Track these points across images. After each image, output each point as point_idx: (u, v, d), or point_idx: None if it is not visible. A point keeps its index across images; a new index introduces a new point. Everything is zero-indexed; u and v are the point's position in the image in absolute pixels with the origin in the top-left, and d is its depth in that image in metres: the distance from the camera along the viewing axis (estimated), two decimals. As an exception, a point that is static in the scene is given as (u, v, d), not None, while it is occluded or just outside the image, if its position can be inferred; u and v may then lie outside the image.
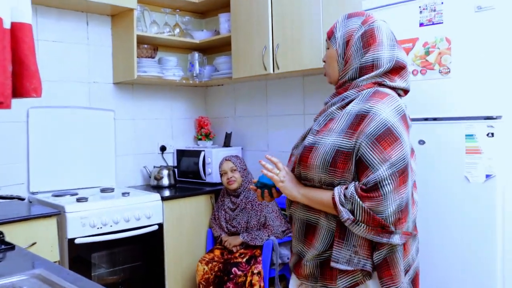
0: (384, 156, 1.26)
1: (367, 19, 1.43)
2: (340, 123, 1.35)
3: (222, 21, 3.29)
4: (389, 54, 1.39)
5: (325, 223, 1.37)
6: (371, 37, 1.40)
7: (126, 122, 3.33)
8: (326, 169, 1.33)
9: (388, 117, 1.28)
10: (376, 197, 1.25)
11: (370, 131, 1.27)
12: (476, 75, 1.85)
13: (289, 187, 1.44)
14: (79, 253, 2.46)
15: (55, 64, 2.96)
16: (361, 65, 1.39)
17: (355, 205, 1.26)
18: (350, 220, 1.28)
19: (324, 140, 1.35)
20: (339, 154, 1.31)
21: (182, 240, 2.98)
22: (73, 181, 2.97)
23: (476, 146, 1.84)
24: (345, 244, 1.33)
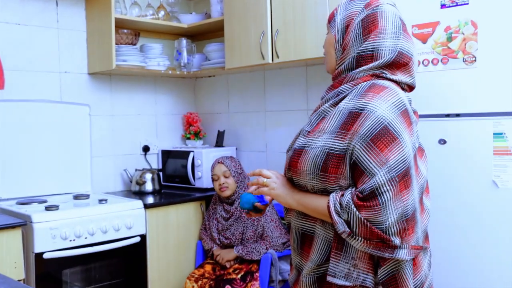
0: (381, 159, 1.24)
1: (371, 2, 1.42)
2: (332, 122, 1.35)
3: (213, 3, 3.28)
4: (392, 44, 1.37)
5: (322, 232, 1.38)
6: (372, 23, 1.38)
7: (103, 119, 3.31)
8: (317, 175, 1.34)
9: (384, 114, 1.27)
10: (373, 206, 1.24)
11: (365, 131, 1.26)
12: (506, 65, 1.84)
13: (283, 194, 1.44)
14: (48, 270, 2.44)
15: (19, 51, 2.93)
16: (358, 54, 1.39)
17: (351, 215, 1.26)
18: (346, 233, 1.28)
19: (315, 142, 1.35)
20: (330, 157, 1.30)
21: (168, 254, 2.97)
22: (41, 187, 2.95)
23: (506, 146, 1.83)
24: (343, 256, 1.32)
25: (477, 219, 1.91)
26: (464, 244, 1.94)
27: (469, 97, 1.93)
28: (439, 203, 2.00)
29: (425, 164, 1.44)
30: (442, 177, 1.99)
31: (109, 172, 3.34)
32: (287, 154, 1.53)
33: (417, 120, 1.41)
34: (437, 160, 2.00)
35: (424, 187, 1.42)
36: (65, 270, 2.51)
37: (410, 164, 1.27)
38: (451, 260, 1.98)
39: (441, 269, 2.00)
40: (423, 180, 1.38)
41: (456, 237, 1.96)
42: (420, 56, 2.04)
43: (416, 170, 1.33)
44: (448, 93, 1.98)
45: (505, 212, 1.84)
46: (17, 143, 2.87)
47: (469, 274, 1.93)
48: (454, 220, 1.96)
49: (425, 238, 1.42)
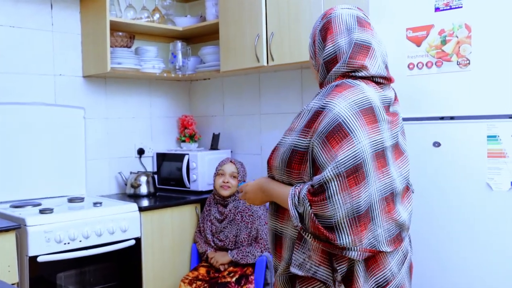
0: (331, 154, 1.29)
1: (326, 12, 1.53)
2: (300, 121, 1.42)
3: (208, 6, 3.28)
4: (348, 39, 1.45)
5: (289, 232, 1.44)
6: (327, 29, 1.48)
7: (98, 122, 3.30)
8: (284, 170, 1.42)
9: (341, 111, 1.31)
10: (321, 200, 1.27)
11: (321, 128, 1.32)
12: (500, 68, 1.85)
13: (252, 197, 1.57)
14: (42, 273, 2.43)
15: (13, 54, 2.91)
16: (324, 59, 1.47)
17: (304, 209, 1.31)
18: (299, 227, 1.33)
19: (285, 140, 1.44)
20: (294, 154, 1.38)
21: (163, 257, 2.96)
22: (35, 190, 2.94)
23: (500, 148, 1.83)
24: (301, 247, 1.39)
25: (471, 222, 1.91)
26: (458, 247, 1.94)
27: (463, 100, 1.93)
28: (433, 205, 2.00)
29: (401, 167, 1.44)
30: (437, 179, 1.99)
31: (104, 175, 3.33)
32: None
33: (390, 119, 1.43)
34: (431, 163, 2.01)
35: (398, 188, 1.42)
36: (59, 274, 2.50)
37: (363, 161, 1.29)
38: (446, 263, 1.98)
39: (436, 271, 2.01)
40: (388, 180, 1.38)
41: (450, 239, 1.96)
42: (414, 59, 2.05)
43: (379, 169, 1.35)
44: (443, 96, 1.98)
45: (499, 214, 1.84)
46: (11, 146, 2.85)
47: (464, 277, 1.94)
48: (448, 222, 1.97)
49: (390, 240, 1.39)
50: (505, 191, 1.83)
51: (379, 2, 2.16)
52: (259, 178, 1.58)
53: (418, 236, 2.02)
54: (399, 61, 2.09)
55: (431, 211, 2.01)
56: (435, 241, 2.00)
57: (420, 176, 2.02)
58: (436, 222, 2.00)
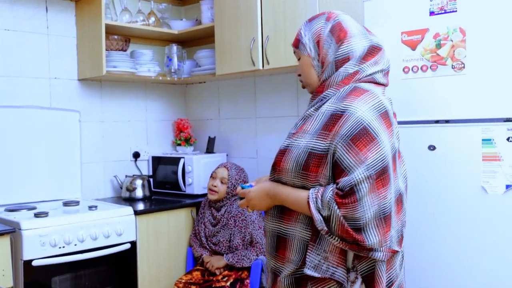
0: (360, 157, 1.31)
1: (330, 15, 1.54)
2: (314, 124, 1.43)
3: (204, 9, 3.28)
4: (364, 43, 1.49)
5: (299, 233, 1.43)
6: (341, 30, 1.49)
7: (93, 125, 3.29)
8: (298, 173, 1.40)
9: (364, 115, 1.34)
10: (351, 202, 1.30)
11: (345, 132, 1.33)
12: (494, 71, 1.85)
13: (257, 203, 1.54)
14: (37, 277, 2.41)
15: (8, 57, 2.91)
16: (336, 58, 1.48)
17: (331, 212, 1.32)
18: (324, 231, 1.34)
19: (298, 142, 1.43)
20: (311, 156, 1.38)
21: (158, 261, 2.95)
22: (30, 193, 2.93)
23: (495, 152, 1.84)
24: (315, 248, 1.38)
25: (466, 225, 1.91)
26: (453, 250, 1.94)
27: (458, 103, 1.94)
28: (428, 208, 2.01)
29: (401, 166, 1.51)
30: (432, 182, 2.00)
31: (99, 179, 3.32)
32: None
33: (396, 121, 1.49)
34: (426, 166, 2.01)
35: (402, 189, 1.48)
36: (54, 278, 2.49)
37: (388, 164, 1.35)
38: (441, 266, 1.99)
39: (431, 274, 2.01)
40: (397, 182, 1.45)
41: (446, 243, 1.96)
42: (410, 63, 2.06)
43: (394, 171, 1.41)
44: (438, 99, 1.99)
45: (494, 218, 1.85)
46: (6, 149, 2.84)
47: (459, 280, 1.94)
48: (443, 225, 1.97)
49: (399, 241, 1.47)
50: (500, 194, 1.83)
51: (374, 5, 2.17)
52: (262, 183, 1.56)
53: (414, 239, 2.02)
54: (394, 65, 2.09)
55: (426, 214, 2.01)
56: (431, 244, 2.01)
57: (415, 179, 2.02)
58: (432, 225, 2.00)
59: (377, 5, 2.16)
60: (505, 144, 1.82)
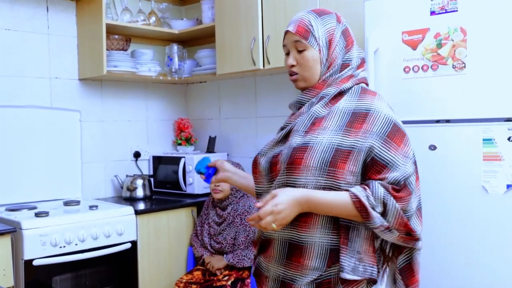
0: (401, 152, 1.35)
1: (338, 17, 1.53)
2: (334, 120, 1.40)
3: (204, 9, 3.28)
4: (358, 53, 1.53)
5: (318, 239, 1.38)
6: (349, 37, 1.52)
7: (94, 125, 3.29)
8: (324, 170, 1.35)
9: (389, 114, 1.40)
10: (406, 196, 1.33)
11: (379, 129, 1.36)
12: (495, 71, 1.85)
13: (287, 215, 1.32)
14: (38, 277, 2.42)
15: (9, 57, 2.91)
16: (343, 62, 1.49)
17: (389, 208, 1.31)
18: (384, 226, 1.32)
19: (319, 138, 1.38)
20: (339, 152, 1.34)
21: (159, 260, 2.95)
22: (31, 193, 2.93)
23: (495, 151, 1.84)
24: (349, 251, 1.35)
25: (467, 225, 1.91)
26: (454, 250, 1.94)
27: (459, 103, 1.94)
28: (429, 208, 2.00)
29: None
30: (432, 182, 1.99)
31: (100, 178, 3.32)
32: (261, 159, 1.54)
33: None
34: (427, 166, 2.01)
35: None
36: (55, 277, 2.49)
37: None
38: (442, 266, 1.98)
39: (431, 274, 2.00)
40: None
41: (446, 242, 1.96)
42: (410, 63, 2.05)
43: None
44: (438, 99, 1.99)
45: (495, 217, 1.84)
46: (6, 149, 2.84)
47: (460, 280, 1.94)
48: (444, 225, 1.97)
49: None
50: (501, 194, 1.83)
51: (375, 5, 2.17)
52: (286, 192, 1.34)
53: (414, 239, 2.02)
54: (395, 64, 2.09)
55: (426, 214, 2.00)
56: (431, 244, 2.00)
57: (416, 179, 2.02)
58: (432, 225, 2.00)
59: (377, 4, 2.16)
60: (506, 144, 1.82)
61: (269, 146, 1.54)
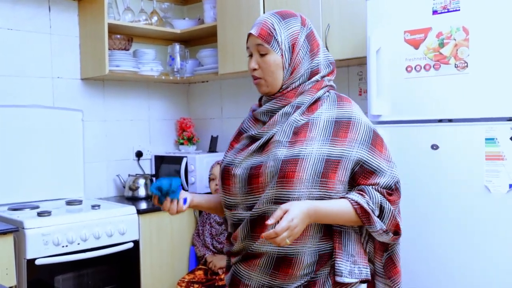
0: (384, 157, 1.42)
1: (303, 20, 1.49)
2: (319, 130, 1.40)
3: (206, 8, 3.27)
4: (325, 57, 1.50)
5: (308, 249, 1.39)
6: (314, 41, 1.48)
7: (96, 124, 3.30)
8: (317, 182, 1.35)
9: (367, 121, 1.45)
10: (398, 199, 1.41)
11: (363, 137, 1.40)
12: (498, 70, 1.85)
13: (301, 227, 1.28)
14: (40, 276, 2.42)
15: (11, 57, 2.91)
16: (312, 68, 1.46)
17: (385, 211, 1.38)
18: (382, 230, 1.38)
19: (308, 150, 1.36)
20: (329, 163, 1.36)
21: (161, 260, 2.95)
22: (33, 193, 2.93)
23: (498, 151, 1.83)
24: (344, 255, 1.40)
25: (469, 224, 1.91)
26: (456, 249, 1.94)
27: (461, 102, 1.93)
28: (432, 207, 2.00)
29: None
30: (435, 182, 1.99)
31: (102, 178, 3.32)
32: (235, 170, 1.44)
33: None
34: (429, 166, 2.01)
35: None
36: (57, 277, 2.49)
37: None
38: (444, 266, 1.98)
39: (433, 273, 2.00)
40: None
41: (448, 241, 1.96)
42: (413, 62, 2.05)
43: None
44: (441, 98, 1.98)
45: (498, 217, 1.84)
46: (9, 148, 2.85)
47: (462, 278, 1.93)
48: (446, 225, 1.96)
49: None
50: (504, 194, 1.83)
51: (377, 4, 2.16)
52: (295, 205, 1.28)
53: (416, 238, 2.01)
54: (397, 64, 2.09)
55: (428, 213, 2.01)
56: (433, 243, 2.00)
57: (418, 178, 2.02)
58: (434, 225, 2.00)
59: (379, 4, 2.15)
60: (509, 143, 1.81)
61: (243, 156, 1.46)
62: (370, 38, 2.13)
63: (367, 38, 2.15)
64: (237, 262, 1.48)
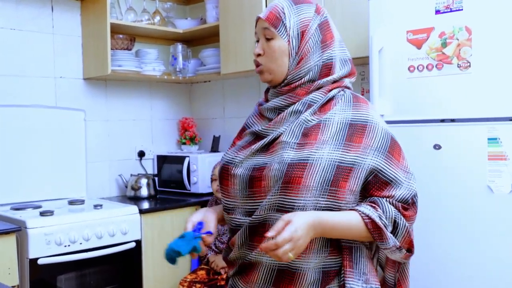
0: (402, 168, 1.27)
1: (318, 8, 1.35)
2: (331, 133, 1.25)
3: (209, 8, 3.28)
4: (341, 53, 1.36)
5: (313, 264, 1.24)
6: (328, 31, 1.33)
7: (98, 124, 3.30)
8: (326, 190, 1.20)
9: (384, 126, 1.31)
10: (414, 214, 1.26)
11: (379, 144, 1.26)
12: (500, 70, 1.84)
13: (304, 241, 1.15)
14: (43, 276, 2.42)
15: (13, 56, 2.92)
16: (323, 62, 1.32)
17: (400, 227, 1.23)
18: (396, 246, 1.23)
19: (318, 154, 1.22)
20: (340, 170, 1.21)
21: (163, 260, 2.89)
22: (36, 192, 2.93)
23: (501, 151, 1.83)
24: (355, 274, 1.25)
25: (472, 224, 1.91)
26: (459, 249, 1.94)
27: (463, 102, 1.93)
28: (434, 207, 2.00)
29: None
30: (437, 182, 1.99)
31: (104, 178, 3.33)
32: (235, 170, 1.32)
33: None
34: (432, 165, 2.00)
35: None
36: (59, 276, 2.49)
37: None
38: (447, 266, 1.98)
39: (437, 274, 2.00)
40: None
41: (451, 241, 1.96)
42: (415, 62, 2.05)
43: None
44: (443, 98, 1.98)
45: (500, 217, 1.84)
46: (12, 148, 2.85)
47: (465, 279, 1.93)
48: (449, 224, 1.96)
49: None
50: (506, 194, 1.82)
51: (379, 4, 2.16)
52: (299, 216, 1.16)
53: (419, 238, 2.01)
54: (400, 64, 2.08)
55: (431, 213, 2.01)
56: (436, 243, 2.00)
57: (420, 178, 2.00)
58: (437, 224, 2.00)
59: (382, 3, 2.15)
60: (511, 143, 1.81)
61: (245, 155, 1.33)
62: (373, 38, 2.12)
63: (370, 38, 2.15)
64: (234, 274, 1.37)
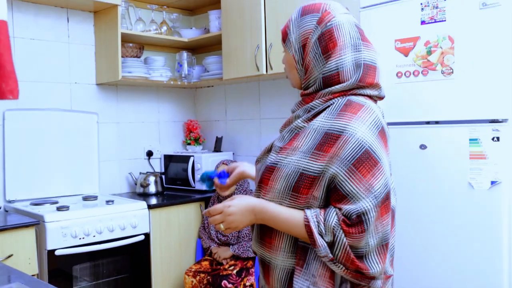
0: (365, 184, 1.11)
1: (323, 17, 1.24)
2: (306, 140, 1.19)
3: (212, 19, 3.28)
4: (355, 57, 1.22)
5: (281, 262, 1.22)
6: (330, 40, 1.22)
7: (110, 126, 3.31)
8: (287, 194, 1.18)
9: (364, 137, 1.13)
10: (359, 232, 1.10)
11: (346, 155, 1.12)
12: (480, 76, 1.86)
13: (238, 220, 1.21)
14: (60, 266, 2.44)
15: (33, 64, 2.93)
16: (324, 75, 1.23)
17: (337, 240, 1.11)
18: (328, 258, 1.13)
19: (288, 160, 1.19)
20: (303, 178, 1.16)
21: (170, 251, 2.96)
22: (53, 189, 2.95)
23: (481, 150, 1.85)
24: (303, 273, 1.18)
25: (454, 218, 1.92)
26: (442, 243, 1.95)
27: (447, 105, 1.95)
28: (420, 204, 2.02)
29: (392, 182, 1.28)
30: (423, 179, 2.01)
31: (116, 175, 3.34)
32: (257, 166, 1.34)
33: (390, 135, 1.26)
34: (418, 164, 2.02)
35: (395, 205, 1.27)
36: (75, 266, 2.51)
37: (389, 188, 1.16)
38: (430, 260, 1.99)
39: (420, 268, 2.01)
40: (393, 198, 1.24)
41: (435, 236, 1.97)
42: (402, 68, 2.07)
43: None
44: (428, 102, 2.00)
45: (480, 211, 1.85)
46: (31, 148, 2.86)
47: (451, 269, 1.94)
48: (433, 219, 1.98)
49: (391, 262, 1.27)
50: (486, 190, 1.84)
51: (370, 14, 2.18)
52: (243, 197, 1.24)
53: (404, 233, 2.03)
54: (388, 70, 2.10)
55: (417, 209, 2.02)
56: (421, 238, 2.01)
57: (407, 176, 2.04)
58: (422, 219, 2.01)
59: (372, 14, 2.17)
60: (490, 144, 1.83)
61: (263, 153, 1.34)
62: (363, 47, 2.13)
63: (361, 47, 2.16)
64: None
